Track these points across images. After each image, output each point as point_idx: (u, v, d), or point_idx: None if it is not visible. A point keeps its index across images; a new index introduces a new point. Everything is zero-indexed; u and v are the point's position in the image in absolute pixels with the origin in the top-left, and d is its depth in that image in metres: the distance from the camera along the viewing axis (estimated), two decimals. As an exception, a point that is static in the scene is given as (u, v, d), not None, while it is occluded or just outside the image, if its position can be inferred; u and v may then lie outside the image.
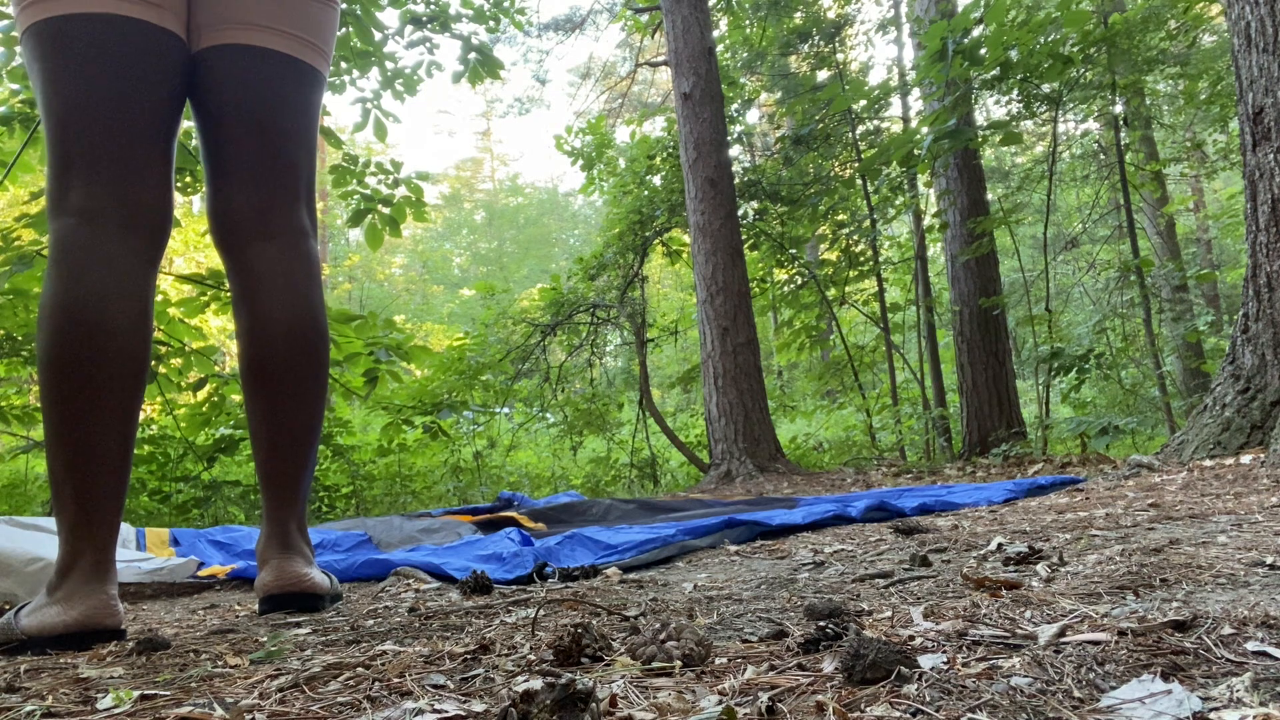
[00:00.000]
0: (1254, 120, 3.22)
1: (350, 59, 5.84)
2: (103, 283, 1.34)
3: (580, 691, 0.71)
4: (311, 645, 1.18)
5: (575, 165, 9.61)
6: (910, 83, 8.61)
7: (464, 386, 7.78)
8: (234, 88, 1.52)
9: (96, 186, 1.37)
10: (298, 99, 1.58)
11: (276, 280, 1.54)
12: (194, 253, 12.52)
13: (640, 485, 7.61)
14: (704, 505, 3.27)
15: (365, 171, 6.08)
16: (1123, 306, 8.67)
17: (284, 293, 1.54)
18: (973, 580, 1.30)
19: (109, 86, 1.37)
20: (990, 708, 0.70)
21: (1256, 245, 3.22)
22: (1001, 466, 4.77)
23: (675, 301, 17.55)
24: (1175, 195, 13.44)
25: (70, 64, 1.36)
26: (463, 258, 31.77)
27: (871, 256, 8.22)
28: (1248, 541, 1.46)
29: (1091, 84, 6.23)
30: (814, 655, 0.90)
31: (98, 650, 1.22)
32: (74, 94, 1.36)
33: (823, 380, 9.57)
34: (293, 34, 1.55)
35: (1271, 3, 3.16)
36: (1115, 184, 7.52)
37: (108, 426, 1.30)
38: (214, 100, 1.52)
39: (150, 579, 1.95)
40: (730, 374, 5.78)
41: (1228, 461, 2.91)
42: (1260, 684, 0.70)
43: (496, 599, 1.52)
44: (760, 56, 9.70)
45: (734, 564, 1.84)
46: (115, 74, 1.38)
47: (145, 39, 1.41)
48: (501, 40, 13.02)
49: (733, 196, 6.26)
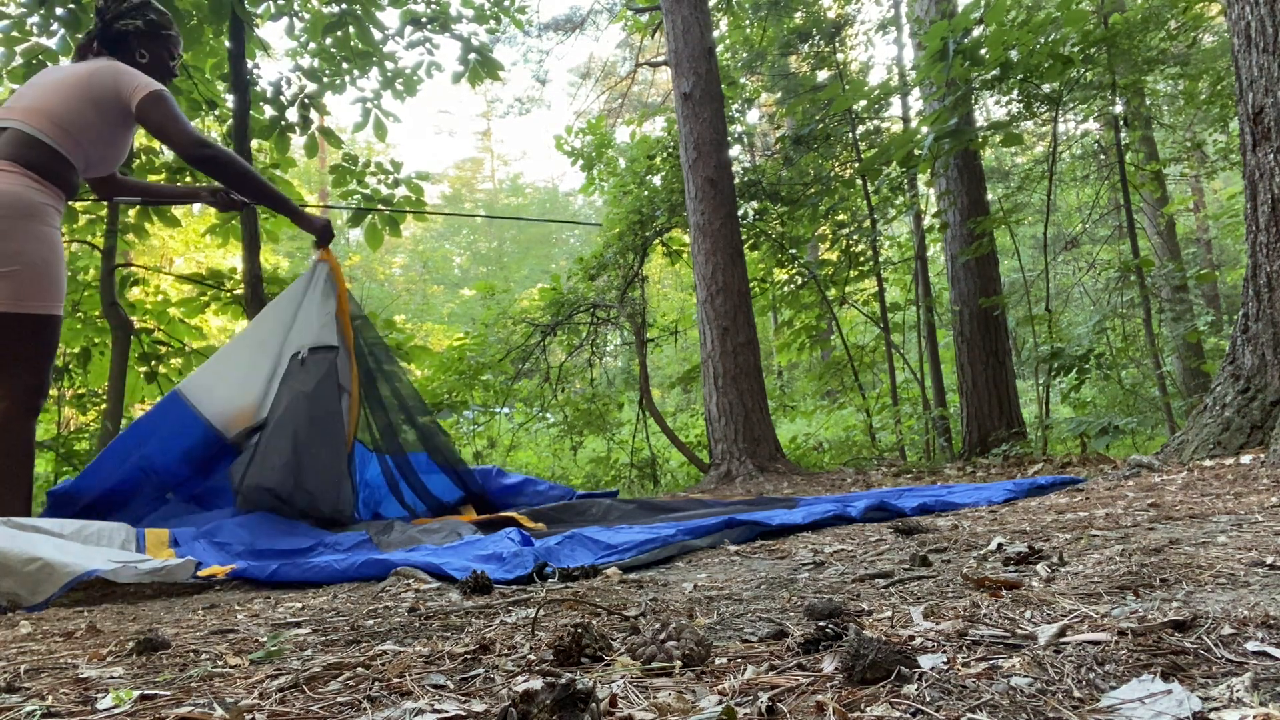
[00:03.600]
0: (1254, 120, 3.22)
1: (350, 59, 5.84)
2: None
3: (580, 691, 0.71)
4: (311, 645, 1.18)
5: (575, 165, 9.61)
6: (910, 83, 8.60)
7: (464, 386, 7.78)
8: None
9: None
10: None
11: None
12: (194, 253, 12.50)
13: (640, 485, 7.61)
14: (704, 505, 3.27)
15: (365, 171, 6.09)
16: (1123, 306, 8.67)
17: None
18: (973, 580, 1.30)
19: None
20: (990, 708, 0.70)
21: (1256, 245, 3.22)
22: (1001, 466, 4.77)
23: (675, 301, 17.54)
24: (1175, 195, 13.44)
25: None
26: (463, 258, 31.76)
27: (871, 256, 8.22)
28: (1248, 541, 1.46)
29: (1091, 84, 6.23)
30: (814, 655, 0.90)
31: (97, 650, 1.22)
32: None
33: (823, 380, 9.57)
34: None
35: (1271, 3, 3.16)
36: (1115, 184, 7.52)
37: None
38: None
39: (150, 579, 1.95)
40: (730, 374, 5.78)
41: (1228, 461, 2.91)
42: (1260, 684, 0.70)
43: (496, 599, 1.52)
44: (760, 56, 9.70)
45: (734, 564, 1.84)
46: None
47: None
48: (502, 40, 13.02)
49: (733, 196, 6.26)
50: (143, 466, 2.79)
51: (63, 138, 2.51)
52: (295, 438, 2.85)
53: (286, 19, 5.74)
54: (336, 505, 2.87)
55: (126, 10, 2.75)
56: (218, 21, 5.06)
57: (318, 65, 5.90)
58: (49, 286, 2.45)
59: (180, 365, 5.93)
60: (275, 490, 2.74)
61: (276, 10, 5.69)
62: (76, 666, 1.11)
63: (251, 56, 5.36)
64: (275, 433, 2.87)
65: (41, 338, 2.46)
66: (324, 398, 3.01)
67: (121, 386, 5.21)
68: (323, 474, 2.85)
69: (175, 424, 2.88)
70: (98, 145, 2.61)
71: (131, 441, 2.82)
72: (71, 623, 1.55)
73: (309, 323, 3.14)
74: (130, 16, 2.74)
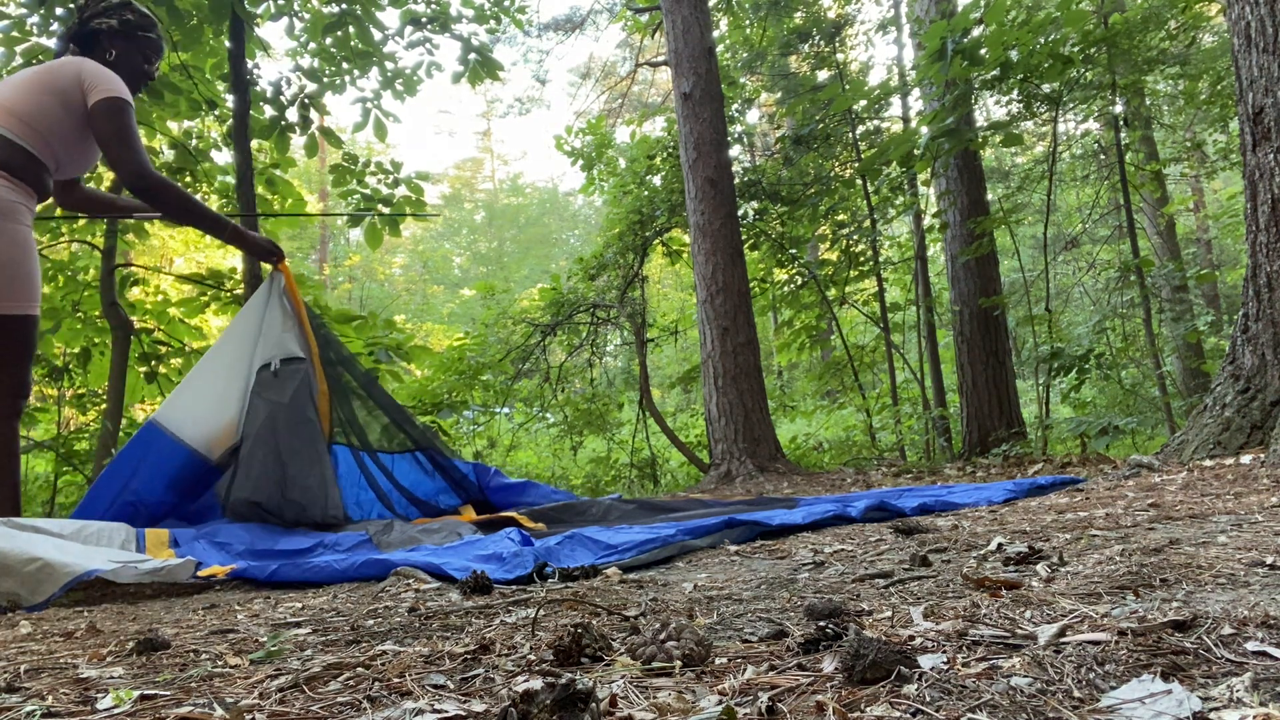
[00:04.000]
0: (1254, 120, 3.22)
1: (350, 59, 5.84)
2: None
3: (580, 691, 0.71)
4: (311, 645, 1.18)
5: (575, 165, 9.61)
6: (910, 83, 8.60)
7: (464, 386, 7.78)
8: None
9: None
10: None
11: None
12: (194, 253, 12.50)
13: (640, 485, 7.61)
14: (704, 505, 3.26)
15: (365, 171, 6.08)
16: (1123, 306, 8.67)
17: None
18: (973, 580, 1.30)
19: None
20: (990, 708, 0.70)
21: (1256, 245, 3.22)
22: (1001, 466, 4.77)
23: (675, 301, 17.55)
24: (1175, 195, 13.44)
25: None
26: (463, 258, 31.77)
27: (871, 256, 8.22)
28: (1248, 541, 1.46)
29: (1091, 84, 6.23)
30: (814, 655, 0.90)
31: (97, 650, 1.22)
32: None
33: (823, 380, 9.57)
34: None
35: (1271, 3, 3.16)
36: (1115, 184, 7.52)
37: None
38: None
39: (150, 579, 1.95)
40: (730, 374, 5.78)
41: (1228, 461, 2.91)
42: (1260, 684, 0.70)
43: (496, 599, 1.52)
44: (760, 56, 9.70)
45: (734, 564, 1.84)
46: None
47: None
48: (502, 40, 13.03)
49: (733, 196, 6.26)
50: (132, 501, 2.73)
51: (33, 137, 2.47)
52: (277, 449, 2.82)
53: (286, 19, 5.74)
54: (326, 510, 2.84)
55: (104, 9, 2.71)
56: (218, 21, 5.06)
57: (318, 65, 5.90)
58: (22, 286, 2.42)
59: (180, 365, 5.93)
60: (263, 504, 2.71)
61: (276, 10, 5.69)
62: (76, 666, 1.11)
63: (251, 56, 5.36)
64: (256, 445, 2.84)
65: (18, 338, 2.44)
66: (301, 406, 2.98)
67: (121, 386, 5.21)
68: (309, 482, 2.82)
69: (159, 455, 2.83)
70: (67, 145, 2.56)
71: (117, 479, 2.76)
72: (71, 623, 1.55)
73: (273, 334, 3.11)
74: (106, 15, 2.70)
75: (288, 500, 2.75)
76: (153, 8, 4.79)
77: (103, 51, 2.70)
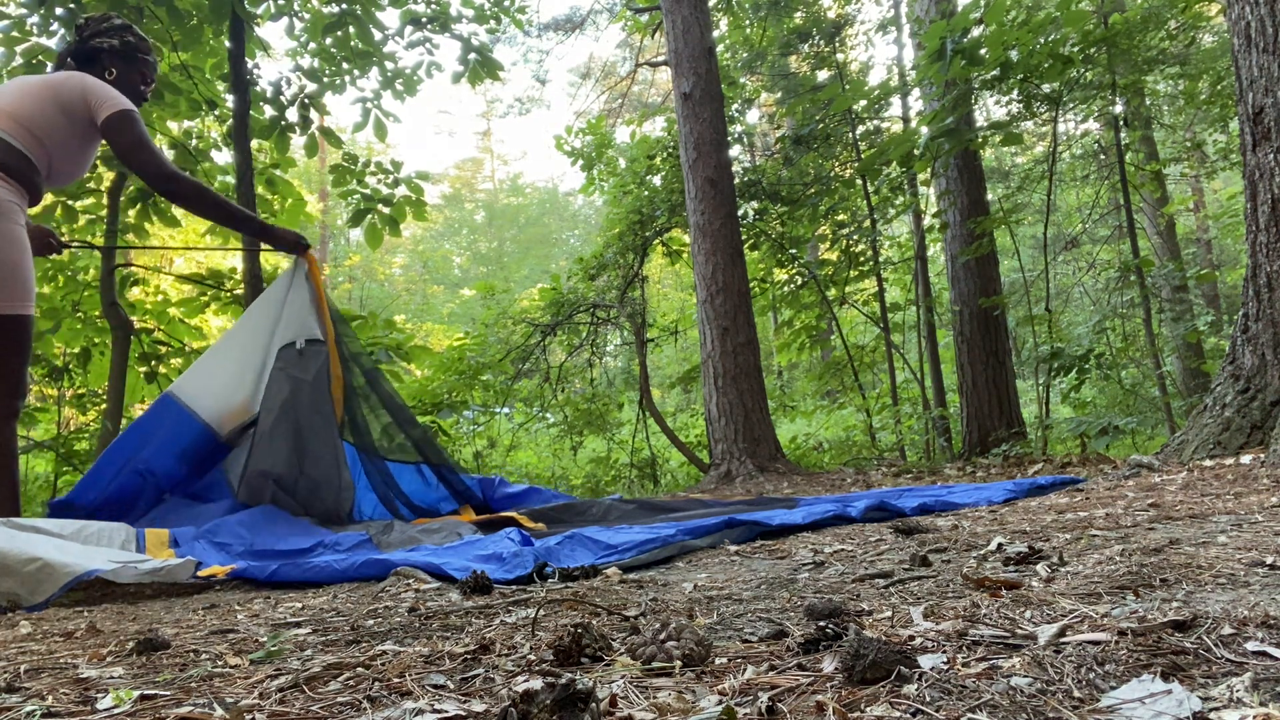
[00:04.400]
0: (1254, 120, 3.22)
1: (350, 59, 5.84)
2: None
3: (580, 691, 0.71)
4: (311, 645, 1.18)
5: (575, 165, 9.61)
6: (910, 83, 8.60)
7: (464, 386, 7.78)
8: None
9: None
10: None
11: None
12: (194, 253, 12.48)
13: (640, 485, 7.61)
14: (704, 505, 3.26)
15: (365, 171, 6.08)
16: (1123, 306, 8.67)
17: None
18: (973, 580, 1.30)
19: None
20: (990, 708, 0.70)
21: (1256, 245, 3.22)
22: (1001, 466, 4.77)
23: (675, 301, 17.55)
24: (1175, 195, 13.44)
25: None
26: (463, 258, 31.77)
27: (871, 256, 8.22)
28: (1248, 541, 1.46)
29: (1091, 84, 6.23)
30: (814, 655, 0.90)
31: (97, 650, 1.22)
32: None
33: (823, 380, 9.57)
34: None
35: (1271, 3, 3.16)
36: (1115, 184, 7.52)
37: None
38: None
39: (150, 579, 1.95)
40: (730, 374, 5.78)
41: (1228, 461, 2.91)
42: (1260, 684, 0.70)
43: (496, 599, 1.52)
44: (760, 56, 9.70)
45: (734, 564, 1.84)
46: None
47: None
48: (501, 40, 13.02)
49: (733, 196, 6.26)
50: (141, 471, 2.80)
51: (29, 140, 2.49)
52: (298, 424, 2.89)
53: (286, 19, 5.74)
54: (339, 493, 2.89)
55: (106, 29, 2.75)
56: (218, 21, 5.06)
57: (318, 65, 5.90)
58: (17, 287, 2.43)
59: (180, 365, 5.94)
60: (280, 478, 2.77)
61: (276, 10, 5.69)
62: (76, 666, 1.11)
63: (251, 56, 5.36)
64: (279, 419, 2.90)
65: (15, 338, 2.45)
66: (322, 387, 3.04)
67: (121, 386, 5.21)
68: (324, 460, 2.89)
69: (172, 426, 2.89)
70: (62, 154, 2.59)
71: (128, 447, 2.82)
72: (71, 623, 1.55)
73: (298, 316, 3.16)
74: (108, 35, 2.74)
75: (304, 475, 2.79)
76: (153, 8, 4.80)
77: (102, 69, 2.74)
